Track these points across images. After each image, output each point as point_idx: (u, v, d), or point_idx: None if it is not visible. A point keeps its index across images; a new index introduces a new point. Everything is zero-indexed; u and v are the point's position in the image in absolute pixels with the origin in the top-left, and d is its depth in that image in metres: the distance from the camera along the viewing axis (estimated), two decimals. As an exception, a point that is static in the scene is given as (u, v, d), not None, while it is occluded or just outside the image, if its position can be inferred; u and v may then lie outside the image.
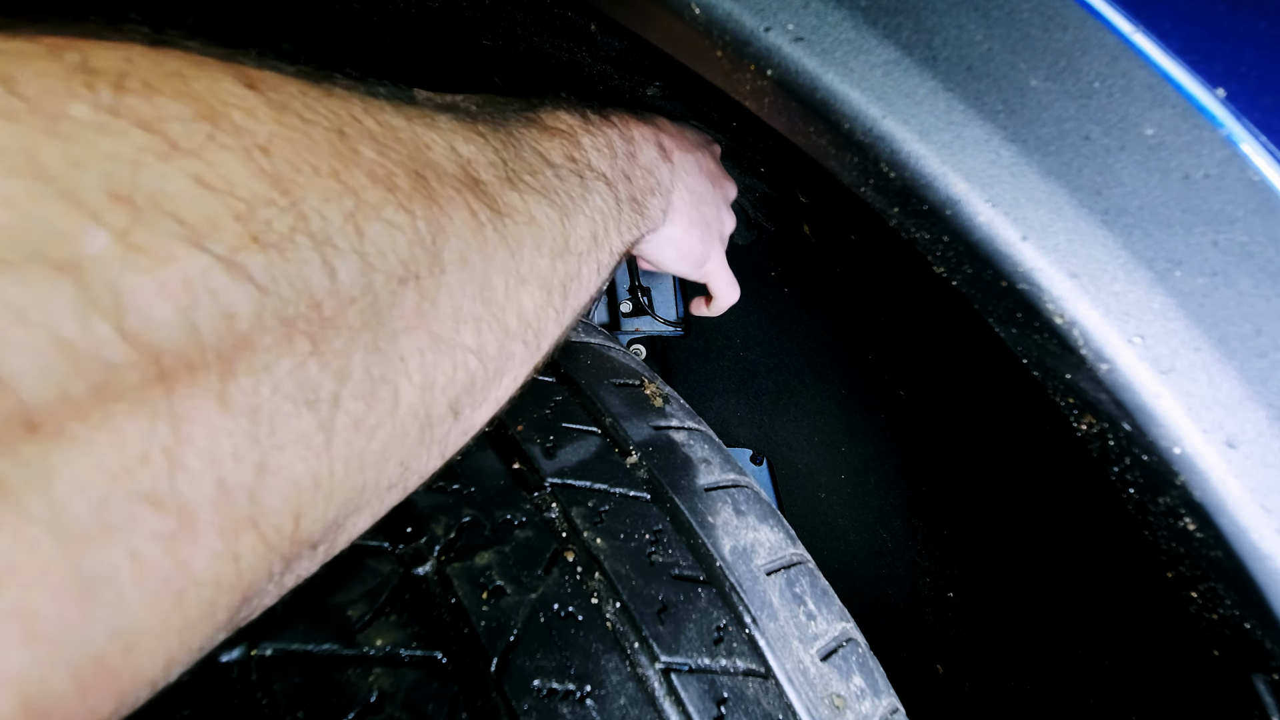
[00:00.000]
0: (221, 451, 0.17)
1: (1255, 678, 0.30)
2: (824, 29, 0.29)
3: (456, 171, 0.28)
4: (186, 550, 0.17)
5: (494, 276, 0.29)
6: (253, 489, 0.19)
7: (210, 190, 0.18)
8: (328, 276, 0.20)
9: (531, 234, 0.31)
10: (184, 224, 0.17)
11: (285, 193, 0.19)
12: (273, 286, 0.18)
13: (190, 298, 0.17)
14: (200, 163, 0.18)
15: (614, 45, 0.45)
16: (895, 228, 0.33)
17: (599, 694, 0.37)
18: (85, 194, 0.15)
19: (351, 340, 0.21)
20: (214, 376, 0.17)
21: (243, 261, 0.18)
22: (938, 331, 0.72)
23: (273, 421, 0.19)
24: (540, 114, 0.40)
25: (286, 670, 0.33)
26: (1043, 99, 0.28)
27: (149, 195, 0.16)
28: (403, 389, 0.24)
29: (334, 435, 0.21)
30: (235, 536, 0.18)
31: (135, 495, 0.16)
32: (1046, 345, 0.30)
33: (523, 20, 0.48)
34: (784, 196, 0.68)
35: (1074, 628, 0.65)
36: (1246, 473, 0.27)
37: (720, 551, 0.47)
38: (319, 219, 0.20)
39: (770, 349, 0.99)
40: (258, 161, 0.19)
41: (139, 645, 0.16)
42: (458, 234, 0.26)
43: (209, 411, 0.17)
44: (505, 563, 0.41)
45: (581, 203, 0.37)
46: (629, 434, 0.51)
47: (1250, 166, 0.27)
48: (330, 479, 0.21)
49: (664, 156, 0.51)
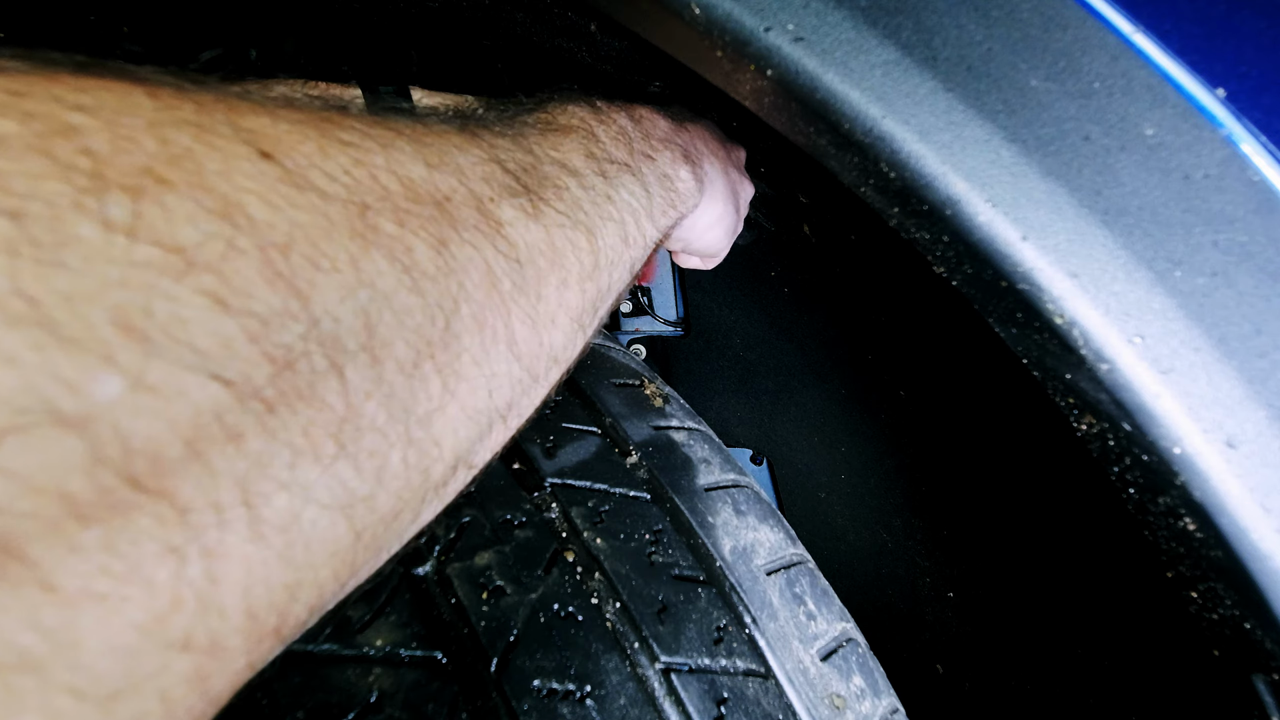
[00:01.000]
0: (254, 580, 0.17)
1: (1255, 678, 0.30)
2: (824, 29, 0.29)
3: (477, 221, 0.27)
4: (213, 680, 0.17)
5: (518, 329, 0.28)
6: (281, 607, 0.18)
7: (226, 310, 0.16)
8: (337, 380, 0.19)
9: (557, 271, 0.30)
10: (198, 352, 0.16)
11: (301, 300, 0.18)
12: (282, 403, 0.18)
13: (199, 429, 0.16)
14: (217, 279, 0.16)
15: (614, 45, 0.45)
16: (895, 228, 0.33)
17: (599, 694, 0.37)
18: (96, 334, 0.14)
19: (382, 437, 0.21)
20: (238, 504, 0.17)
21: (255, 383, 0.17)
22: (938, 331, 0.72)
23: (308, 537, 0.18)
24: (552, 112, 0.39)
25: (286, 670, 0.33)
26: (1043, 99, 0.28)
27: (163, 325, 0.15)
28: (434, 470, 0.23)
29: (364, 533, 0.21)
30: (257, 647, 0.18)
31: (167, 643, 0.15)
32: (1046, 345, 0.30)
33: (523, 20, 0.48)
34: (784, 196, 0.68)
35: (1074, 628, 0.65)
36: (1246, 473, 0.27)
37: (720, 551, 0.47)
38: (331, 322, 0.19)
39: (770, 349, 0.99)
40: (275, 265, 0.18)
41: None
42: (471, 300, 0.25)
43: (239, 542, 0.17)
44: (505, 563, 0.41)
45: (609, 206, 0.36)
46: (629, 434, 0.51)
47: (1250, 166, 0.27)
48: (351, 571, 0.21)
49: (678, 126, 0.49)
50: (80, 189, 0.15)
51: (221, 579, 0.16)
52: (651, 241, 0.40)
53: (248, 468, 0.17)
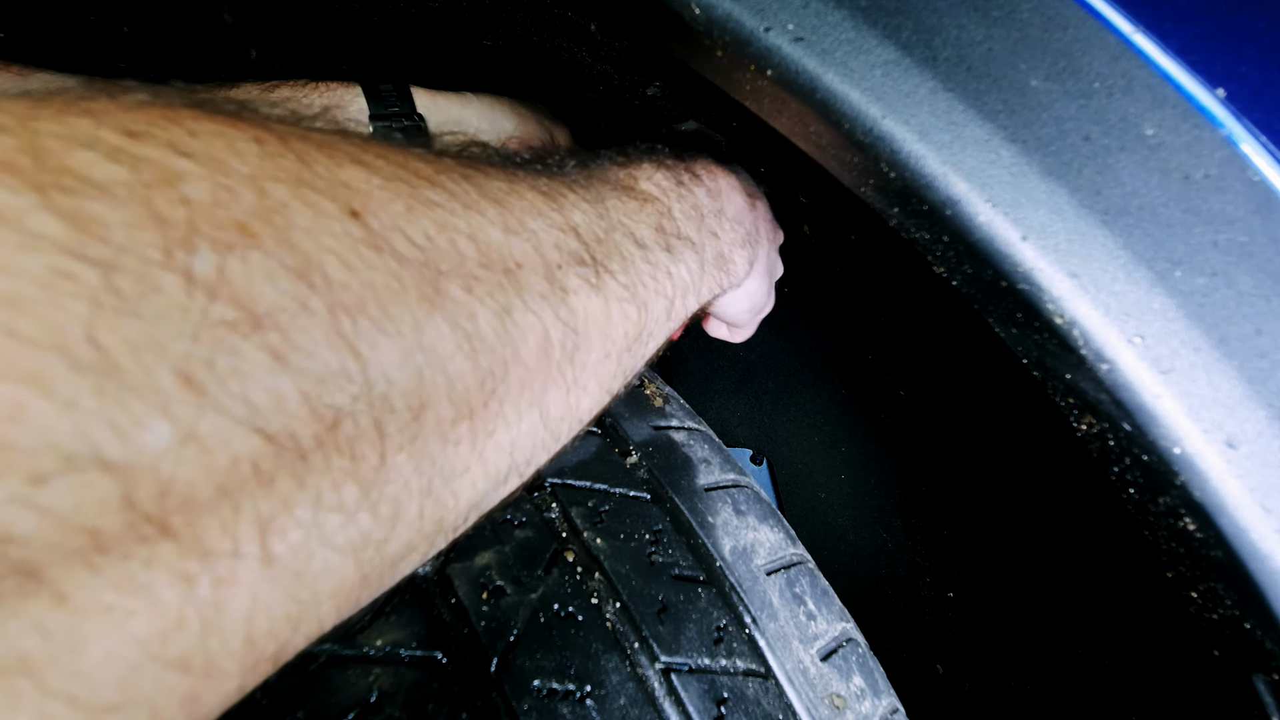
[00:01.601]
0: (258, 611, 0.17)
1: (1255, 678, 0.30)
2: (824, 29, 0.29)
3: (543, 289, 0.27)
4: (204, 701, 0.17)
5: (552, 394, 0.28)
6: (281, 639, 0.18)
7: (285, 368, 0.17)
8: (377, 436, 0.19)
9: (602, 341, 0.30)
10: (250, 407, 0.16)
11: (360, 362, 0.18)
12: (319, 453, 0.18)
13: (234, 476, 0.16)
14: (282, 338, 0.17)
15: (614, 45, 0.45)
16: (895, 228, 0.33)
17: (599, 694, 0.37)
18: (157, 384, 0.14)
19: (404, 488, 0.21)
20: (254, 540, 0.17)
21: (298, 438, 0.17)
22: (938, 331, 0.72)
23: (315, 577, 0.19)
24: (635, 175, 0.40)
25: (286, 670, 0.33)
26: (1043, 99, 0.28)
27: (221, 379, 0.15)
28: (447, 520, 0.24)
29: (371, 574, 0.21)
30: (252, 673, 0.18)
31: (166, 662, 0.15)
32: (1046, 345, 0.30)
33: (523, 20, 0.48)
34: (784, 196, 0.68)
35: (1074, 628, 0.65)
36: (1246, 473, 0.27)
37: (720, 551, 0.47)
38: (384, 384, 0.19)
39: (770, 349, 0.99)
40: (341, 327, 0.18)
41: None
42: (521, 364, 0.25)
43: (250, 574, 0.17)
44: (505, 563, 0.41)
45: (666, 282, 0.36)
46: (629, 434, 0.51)
47: (1250, 166, 0.27)
48: (353, 605, 0.21)
49: (751, 205, 0.50)
50: (171, 241, 0.15)
51: (227, 607, 0.16)
52: (688, 314, 0.40)
53: (272, 509, 0.17)
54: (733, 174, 0.50)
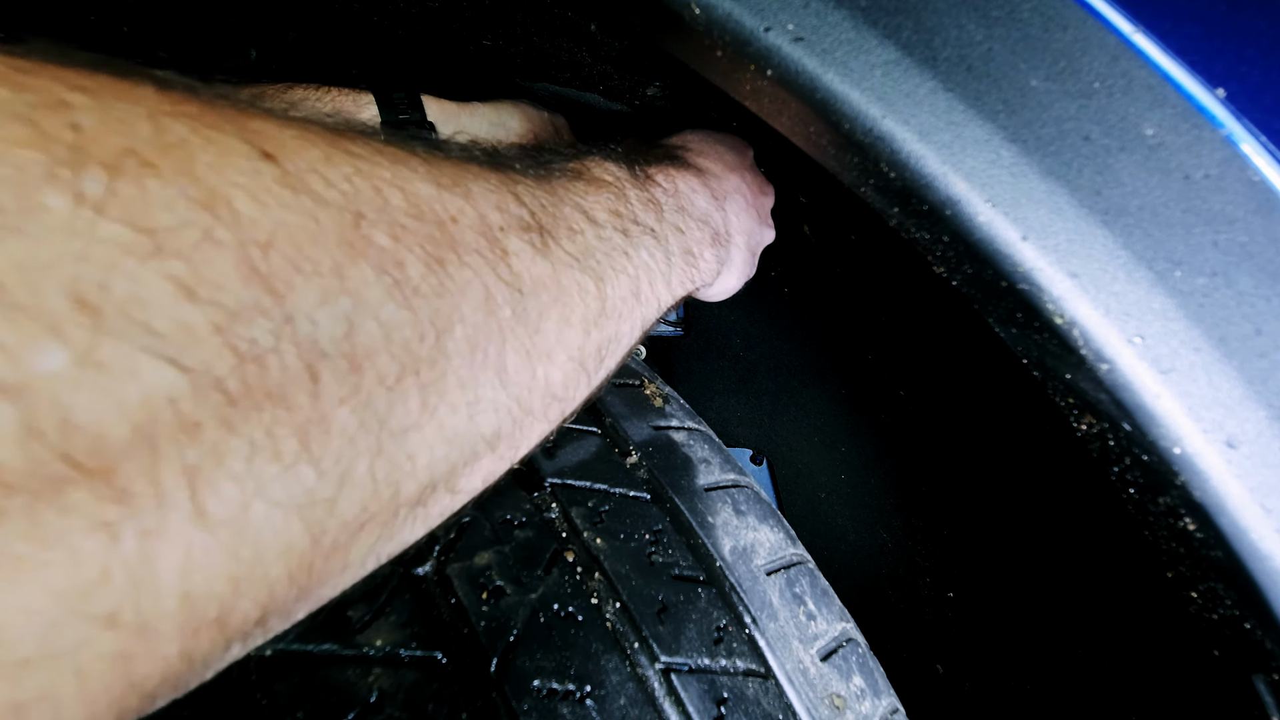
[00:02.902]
0: (194, 565, 0.16)
1: (1255, 678, 0.30)
2: (824, 29, 0.29)
3: (480, 246, 0.27)
4: (139, 663, 0.16)
5: (511, 358, 0.27)
6: (223, 598, 0.17)
7: (192, 299, 0.16)
8: (310, 381, 0.19)
9: (559, 308, 0.30)
10: (154, 335, 0.15)
11: (277, 298, 0.18)
12: (245, 398, 0.17)
13: (149, 414, 0.15)
14: (187, 266, 0.16)
15: (614, 45, 0.45)
16: (895, 228, 0.33)
17: (599, 694, 0.37)
18: (45, 304, 0.14)
19: (350, 444, 0.20)
20: (184, 488, 0.16)
21: (217, 374, 0.17)
22: (938, 331, 0.72)
23: (257, 533, 0.18)
24: (587, 164, 0.40)
25: (286, 670, 0.33)
26: (1043, 99, 0.28)
27: (119, 304, 0.15)
28: (405, 485, 0.23)
29: (323, 537, 0.20)
30: (194, 637, 0.17)
31: (89, 617, 0.15)
32: (1046, 345, 0.30)
33: (523, 20, 0.48)
34: (784, 196, 0.68)
35: (1074, 628, 0.65)
36: (1246, 473, 0.27)
37: (720, 551, 0.47)
38: (308, 324, 0.19)
39: (770, 349, 0.99)
40: (253, 261, 0.18)
41: None
42: (465, 322, 0.25)
43: (181, 524, 0.16)
44: (505, 563, 0.41)
45: (624, 260, 0.36)
46: (629, 434, 0.51)
47: (1250, 166, 0.27)
48: (308, 575, 0.20)
49: (717, 205, 0.50)
50: (56, 159, 0.15)
51: (156, 560, 0.16)
52: (665, 304, 0.41)
53: (200, 457, 0.16)
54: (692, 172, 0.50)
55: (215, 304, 0.17)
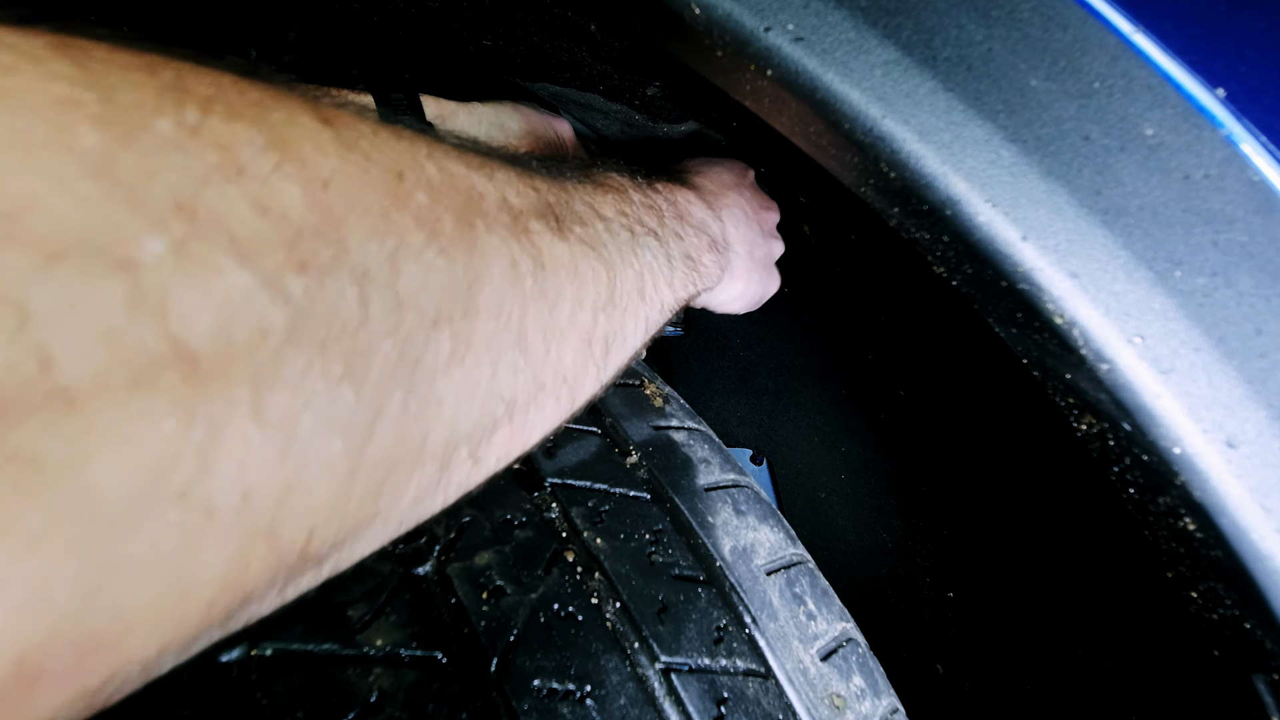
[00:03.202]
0: (251, 461, 0.18)
1: (1255, 678, 0.30)
2: (824, 29, 0.29)
3: (506, 221, 0.29)
4: (201, 550, 0.17)
5: (530, 329, 0.29)
6: (274, 502, 0.19)
7: (265, 215, 0.19)
8: (361, 306, 0.21)
9: (574, 288, 0.32)
10: (235, 241, 0.18)
11: (334, 226, 0.21)
12: (308, 309, 0.19)
13: (230, 309, 0.17)
14: (264, 188, 0.19)
15: (614, 45, 0.45)
16: (895, 228, 0.33)
17: (599, 694, 0.37)
18: (152, 201, 0.17)
19: (389, 375, 0.22)
20: (247, 390, 0.18)
21: (283, 282, 0.19)
22: (938, 331, 0.72)
23: (304, 442, 0.19)
24: (594, 171, 0.42)
25: (286, 670, 0.33)
26: (1043, 99, 0.28)
27: (209, 211, 0.18)
28: (432, 430, 0.25)
29: (360, 464, 0.22)
30: (249, 543, 0.19)
31: (164, 490, 0.16)
32: (1046, 345, 0.30)
33: (523, 20, 0.48)
34: (784, 196, 0.68)
35: (1074, 628, 0.65)
36: (1246, 473, 0.27)
37: (720, 551, 0.47)
38: (360, 253, 0.21)
39: (770, 349, 0.99)
40: (315, 194, 0.20)
41: (137, 629, 0.17)
42: (494, 283, 0.27)
43: (243, 423, 0.18)
44: (505, 563, 0.41)
45: (630, 256, 0.38)
46: (629, 434, 0.51)
47: (1250, 166, 0.27)
48: (347, 504, 0.22)
49: (715, 216, 0.53)
50: (163, 95, 0.18)
51: (220, 449, 0.17)
52: (668, 308, 0.42)
53: (265, 361, 0.18)
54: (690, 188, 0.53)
55: (285, 221, 0.19)
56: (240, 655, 0.33)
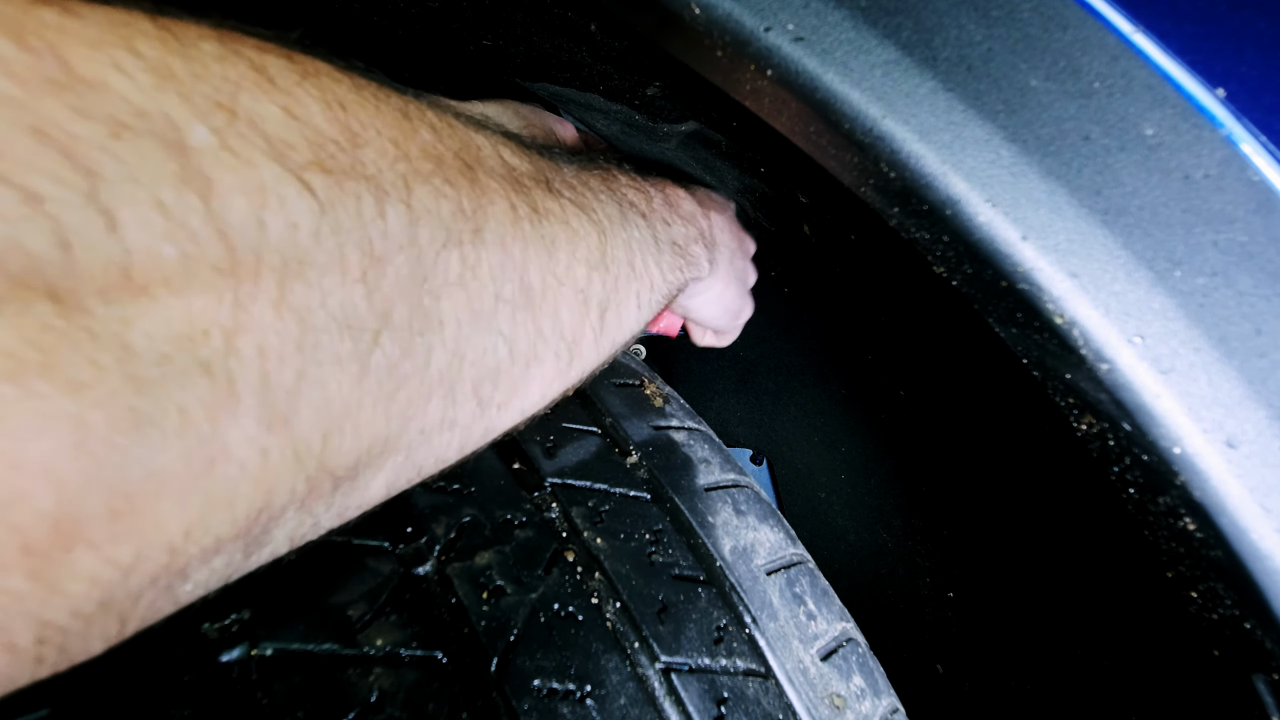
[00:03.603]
0: (269, 346, 0.20)
1: (1255, 678, 0.30)
2: (824, 29, 0.29)
3: (501, 171, 0.31)
4: (225, 422, 0.19)
5: (531, 269, 0.31)
6: (290, 390, 0.20)
7: (293, 120, 0.21)
8: (378, 215, 0.23)
9: (567, 237, 0.33)
10: (267, 140, 0.20)
11: (351, 140, 0.23)
12: (330, 208, 0.21)
13: (262, 200, 0.19)
14: (290, 99, 0.21)
15: (614, 45, 0.45)
16: (895, 228, 0.33)
17: (599, 694, 0.37)
18: (198, 98, 0.19)
19: (398, 285, 0.24)
20: (273, 278, 0.20)
21: (308, 179, 0.21)
22: (938, 331, 0.72)
23: (316, 335, 0.21)
24: (582, 159, 0.43)
25: (286, 670, 0.33)
26: (1043, 99, 0.28)
27: (246, 111, 0.20)
28: (436, 351, 0.26)
29: (368, 369, 0.23)
30: (269, 430, 0.20)
31: (193, 360, 0.18)
32: (1046, 345, 0.30)
33: (523, 20, 0.48)
34: (784, 196, 0.68)
35: (1074, 627, 0.65)
36: (1246, 473, 0.27)
37: (720, 551, 0.47)
38: (375, 168, 0.23)
39: (770, 349, 0.99)
40: (334, 112, 0.23)
41: (166, 494, 0.18)
42: (498, 219, 0.29)
43: (265, 308, 0.19)
44: (505, 562, 0.41)
45: (619, 227, 0.38)
46: (629, 434, 0.51)
47: (1250, 166, 0.27)
48: (358, 411, 0.23)
49: (703, 212, 0.54)
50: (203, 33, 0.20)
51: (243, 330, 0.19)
52: (659, 290, 0.43)
53: (290, 251, 0.20)
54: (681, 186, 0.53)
55: (310, 127, 0.21)
56: (240, 655, 0.33)
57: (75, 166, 0.15)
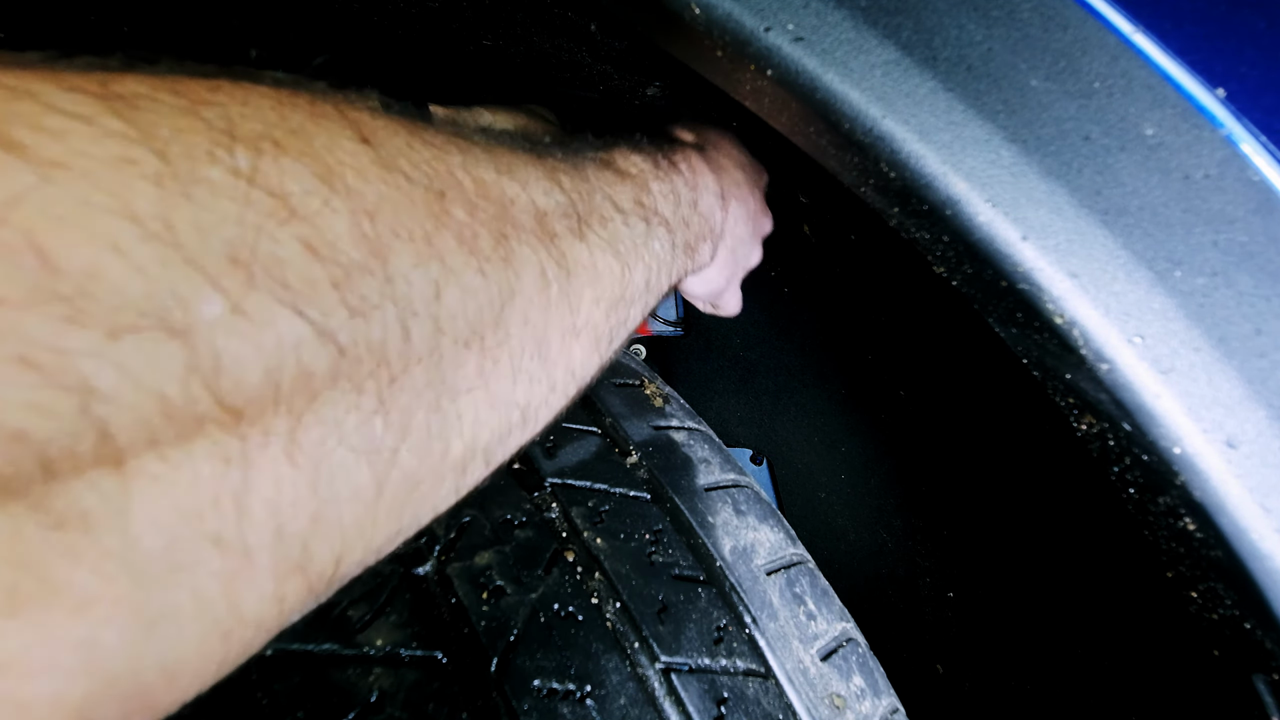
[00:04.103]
0: (283, 500, 0.18)
1: (1255, 678, 0.30)
2: (824, 29, 0.29)
3: (534, 228, 0.29)
4: (242, 593, 0.18)
5: (552, 333, 0.30)
6: (306, 537, 0.19)
7: (317, 257, 0.19)
8: (402, 339, 0.21)
9: (592, 288, 0.33)
10: (288, 289, 0.18)
11: (381, 260, 0.21)
12: (352, 350, 0.19)
13: (279, 358, 0.18)
14: (312, 229, 0.19)
15: (614, 45, 0.45)
16: (895, 228, 0.33)
17: (599, 694, 0.37)
18: (209, 260, 0.16)
19: (416, 398, 0.22)
20: (285, 430, 0.18)
21: (331, 327, 0.19)
22: (937, 331, 0.72)
23: (333, 474, 0.20)
24: (614, 155, 0.42)
25: (286, 670, 0.33)
26: (1043, 99, 0.28)
27: (264, 261, 0.18)
28: (453, 445, 0.25)
29: (385, 487, 0.22)
30: (285, 580, 0.19)
31: (203, 537, 0.16)
32: (1046, 345, 0.30)
33: (523, 20, 0.48)
34: (784, 196, 0.68)
35: (1074, 627, 0.65)
36: (1246, 473, 0.27)
37: (720, 551, 0.47)
38: (405, 284, 0.21)
39: (770, 349, 0.99)
40: (362, 227, 0.20)
41: (182, 677, 0.17)
42: (524, 294, 0.27)
43: (278, 461, 0.18)
44: (505, 562, 0.41)
45: (644, 250, 0.38)
46: (629, 434, 0.51)
47: (1250, 166, 0.27)
48: (373, 527, 0.22)
49: (722, 206, 0.53)
50: (215, 142, 0.18)
51: (254, 491, 0.18)
52: (663, 294, 0.43)
53: (305, 403, 0.19)
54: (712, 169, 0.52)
55: (334, 262, 0.19)
56: (240, 655, 0.33)
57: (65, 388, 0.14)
